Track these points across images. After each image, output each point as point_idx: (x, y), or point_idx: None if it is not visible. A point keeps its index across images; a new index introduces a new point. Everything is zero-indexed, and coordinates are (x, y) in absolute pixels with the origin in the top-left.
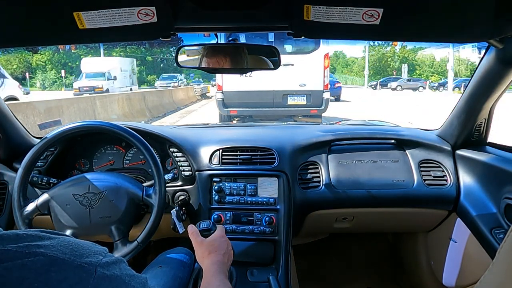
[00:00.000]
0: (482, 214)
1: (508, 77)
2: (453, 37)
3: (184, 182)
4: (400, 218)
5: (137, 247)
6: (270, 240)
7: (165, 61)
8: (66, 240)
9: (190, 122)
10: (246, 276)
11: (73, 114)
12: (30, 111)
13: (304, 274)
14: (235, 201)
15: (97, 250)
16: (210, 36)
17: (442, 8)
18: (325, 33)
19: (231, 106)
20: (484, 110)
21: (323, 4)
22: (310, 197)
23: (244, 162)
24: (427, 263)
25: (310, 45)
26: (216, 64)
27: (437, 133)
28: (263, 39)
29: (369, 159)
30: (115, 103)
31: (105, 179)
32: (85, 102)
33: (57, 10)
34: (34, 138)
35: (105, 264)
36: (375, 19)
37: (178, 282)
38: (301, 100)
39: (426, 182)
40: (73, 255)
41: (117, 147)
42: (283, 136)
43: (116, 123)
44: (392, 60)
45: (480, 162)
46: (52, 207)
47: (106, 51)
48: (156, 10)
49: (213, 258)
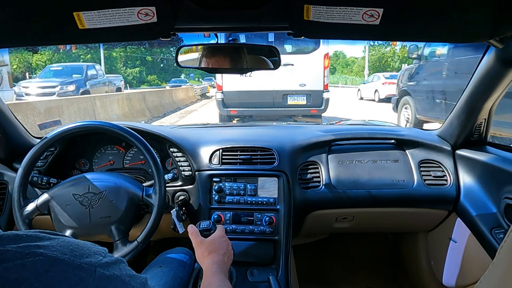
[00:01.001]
0: (482, 214)
1: (508, 77)
2: (453, 37)
3: (184, 182)
4: (400, 218)
5: (137, 247)
6: (270, 240)
7: (165, 61)
8: (65, 240)
9: (190, 122)
10: (246, 276)
11: (73, 114)
12: (30, 111)
13: (304, 274)
14: (235, 201)
15: (97, 250)
16: (210, 36)
17: (442, 8)
18: (325, 33)
19: (231, 106)
20: (484, 110)
21: (323, 4)
22: (310, 197)
23: (244, 162)
24: (427, 263)
25: (310, 45)
26: (216, 64)
27: (437, 133)
28: (263, 39)
29: (369, 159)
30: (115, 103)
31: (105, 179)
32: (85, 102)
33: (57, 10)
34: (34, 138)
35: (105, 264)
36: (375, 19)
37: (178, 282)
38: (301, 100)
39: (426, 182)
40: (73, 255)
41: (117, 147)
42: (283, 136)
43: (116, 123)
44: (392, 60)
45: (480, 162)
46: (52, 207)
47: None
48: (156, 10)
49: (213, 257)
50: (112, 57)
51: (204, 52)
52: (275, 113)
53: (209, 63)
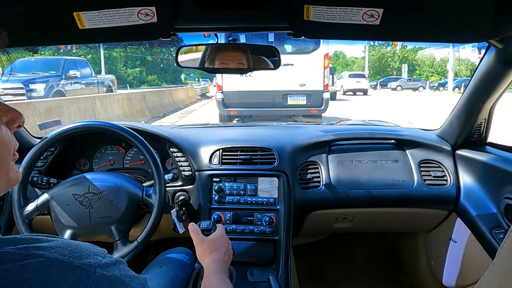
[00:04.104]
0: (482, 214)
1: (508, 77)
2: (453, 37)
3: (184, 182)
4: (400, 218)
5: (137, 247)
6: (270, 240)
7: (165, 61)
8: (64, 242)
9: (190, 122)
10: (246, 276)
11: (73, 114)
12: (30, 111)
13: (304, 274)
14: (235, 201)
15: (96, 251)
16: (210, 36)
17: (442, 8)
18: (325, 33)
19: (231, 106)
20: (484, 110)
21: (323, 4)
22: (310, 197)
23: (244, 162)
24: (427, 263)
25: (310, 45)
26: (222, 64)
27: (437, 133)
28: (263, 39)
29: (369, 159)
30: (115, 103)
31: (105, 179)
32: (85, 102)
33: (57, 10)
34: (34, 138)
35: (104, 265)
36: (375, 19)
37: (178, 282)
38: (301, 100)
39: (426, 182)
40: (72, 256)
41: (117, 147)
42: (283, 136)
43: (116, 123)
44: (392, 60)
45: (480, 162)
46: (52, 207)
47: (106, 51)
48: (156, 10)
49: (215, 256)
50: (112, 57)
51: (205, 52)
52: (275, 113)
53: (209, 63)
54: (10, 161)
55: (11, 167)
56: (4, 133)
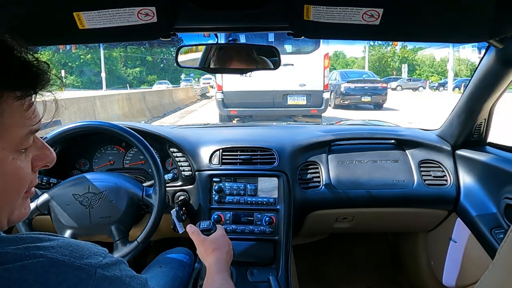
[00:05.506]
0: (482, 214)
1: (508, 77)
2: (453, 37)
3: (184, 182)
4: (400, 218)
5: (137, 247)
6: (270, 240)
7: (165, 61)
8: (65, 241)
9: (190, 122)
10: (246, 276)
11: (73, 114)
12: None
13: (304, 274)
14: (235, 201)
15: (97, 251)
16: (210, 36)
17: (442, 8)
18: (325, 33)
19: (231, 106)
20: (484, 110)
21: (323, 4)
22: (310, 197)
23: (244, 162)
24: (427, 263)
25: (310, 45)
26: (217, 64)
27: (437, 133)
28: (263, 39)
29: (369, 159)
30: (115, 103)
31: (105, 179)
32: (85, 102)
33: (57, 10)
34: None
35: (105, 265)
36: (375, 19)
37: (178, 282)
38: (301, 100)
39: (426, 182)
40: (73, 256)
41: (117, 147)
42: (283, 136)
43: (116, 123)
44: (392, 60)
45: (480, 162)
46: (52, 207)
47: (106, 51)
48: (156, 10)
49: (217, 255)
50: (112, 57)
51: (205, 52)
52: (275, 113)
53: (210, 63)
54: (20, 198)
55: (20, 204)
56: (22, 164)
